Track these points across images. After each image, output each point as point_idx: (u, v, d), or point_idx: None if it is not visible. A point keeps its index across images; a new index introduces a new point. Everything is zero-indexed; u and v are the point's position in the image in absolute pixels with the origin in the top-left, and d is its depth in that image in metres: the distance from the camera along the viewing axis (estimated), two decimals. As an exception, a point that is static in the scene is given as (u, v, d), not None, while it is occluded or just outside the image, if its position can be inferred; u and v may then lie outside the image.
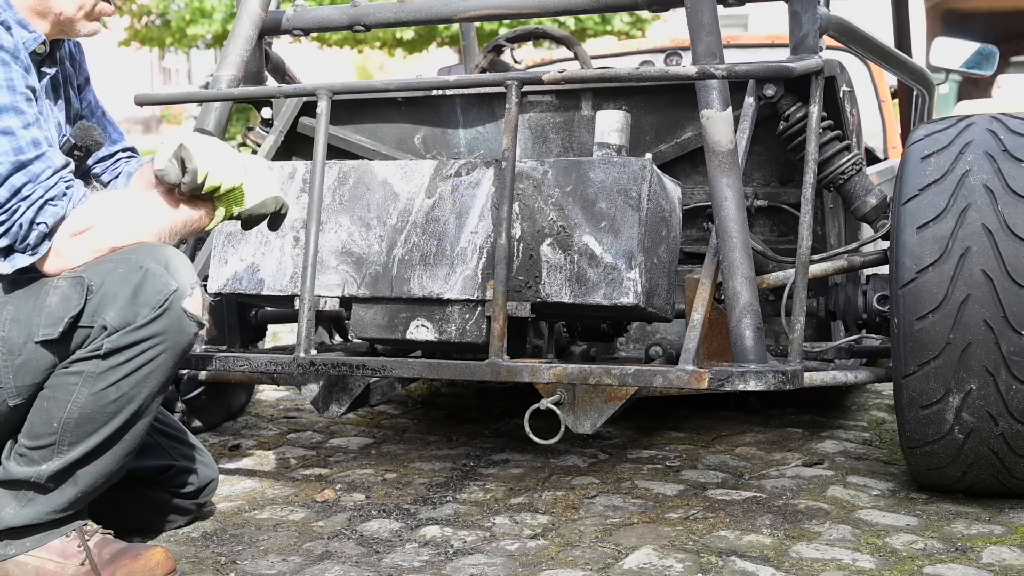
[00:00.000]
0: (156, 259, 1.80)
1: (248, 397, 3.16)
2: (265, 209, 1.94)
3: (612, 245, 2.05)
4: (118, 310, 1.77)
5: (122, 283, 1.77)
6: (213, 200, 1.89)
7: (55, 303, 1.78)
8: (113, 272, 1.78)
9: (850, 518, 2.15)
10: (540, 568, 1.92)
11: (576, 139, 2.66)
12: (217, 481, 2.21)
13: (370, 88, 2.60)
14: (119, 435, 1.82)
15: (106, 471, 1.85)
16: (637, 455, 2.62)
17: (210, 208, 1.90)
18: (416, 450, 2.71)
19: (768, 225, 2.65)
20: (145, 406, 1.83)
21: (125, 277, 1.78)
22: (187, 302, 1.81)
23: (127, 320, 1.77)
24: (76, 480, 1.83)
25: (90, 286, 1.77)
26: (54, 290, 1.79)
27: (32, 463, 1.81)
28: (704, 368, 1.93)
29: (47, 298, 1.79)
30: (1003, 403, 2.02)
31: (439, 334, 2.16)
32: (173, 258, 1.82)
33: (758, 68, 2.11)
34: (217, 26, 16.00)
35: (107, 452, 1.83)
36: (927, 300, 2.03)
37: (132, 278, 1.77)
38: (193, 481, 2.14)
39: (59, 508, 1.84)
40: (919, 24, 16.20)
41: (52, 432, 1.80)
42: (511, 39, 3.24)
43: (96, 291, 1.77)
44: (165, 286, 1.78)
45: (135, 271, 1.78)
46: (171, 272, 1.80)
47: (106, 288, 1.77)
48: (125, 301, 1.77)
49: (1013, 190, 2.04)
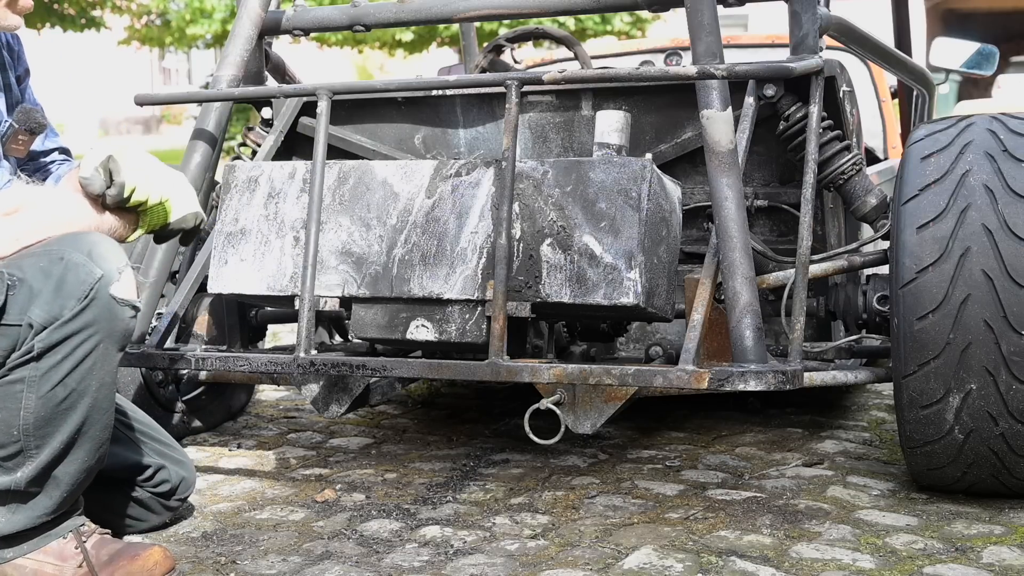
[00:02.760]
0: (78, 247, 1.75)
1: (248, 397, 3.16)
2: (185, 224, 1.93)
3: (612, 245, 2.05)
4: (43, 306, 1.72)
5: (44, 277, 1.72)
6: (136, 212, 1.88)
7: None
8: (34, 266, 1.73)
9: (850, 518, 2.15)
10: (540, 568, 1.92)
11: (576, 139, 2.66)
12: (193, 481, 2.18)
13: (370, 88, 2.60)
14: (84, 429, 1.80)
15: (84, 465, 1.83)
16: (637, 455, 2.62)
17: (133, 220, 1.88)
18: (416, 450, 2.71)
19: (768, 225, 2.65)
20: (101, 396, 1.80)
21: (47, 270, 1.72)
22: (116, 287, 1.75)
23: (53, 315, 1.72)
24: (57, 481, 1.81)
25: (10, 283, 1.72)
26: None
27: (8, 472, 1.79)
28: (704, 368, 1.93)
29: None
30: (1003, 403, 2.02)
31: (439, 334, 2.16)
32: (97, 244, 1.76)
33: (758, 68, 2.11)
34: (217, 26, 16.01)
35: (78, 447, 1.81)
36: (927, 300, 2.03)
37: (54, 270, 1.72)
38: (167, 479, 2.12)
39: (49, 511, 1.82)
40: (919, 24, 16.21)
41: (15, 440, 1.77)
42: (511, 39, 3.24)
43: (18, 287, 1.72)
44: (89, 275, 1.73)
45: (56, 263, 1.73)
46: (95, 259, 1.74)
47: (28, 283, 1.73)
48: (49, 295, 1.72)
49: (1013, 190, 2.04)
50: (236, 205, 2.32)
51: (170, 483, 2.12)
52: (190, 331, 2.53)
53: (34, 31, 15.81)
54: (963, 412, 2.05)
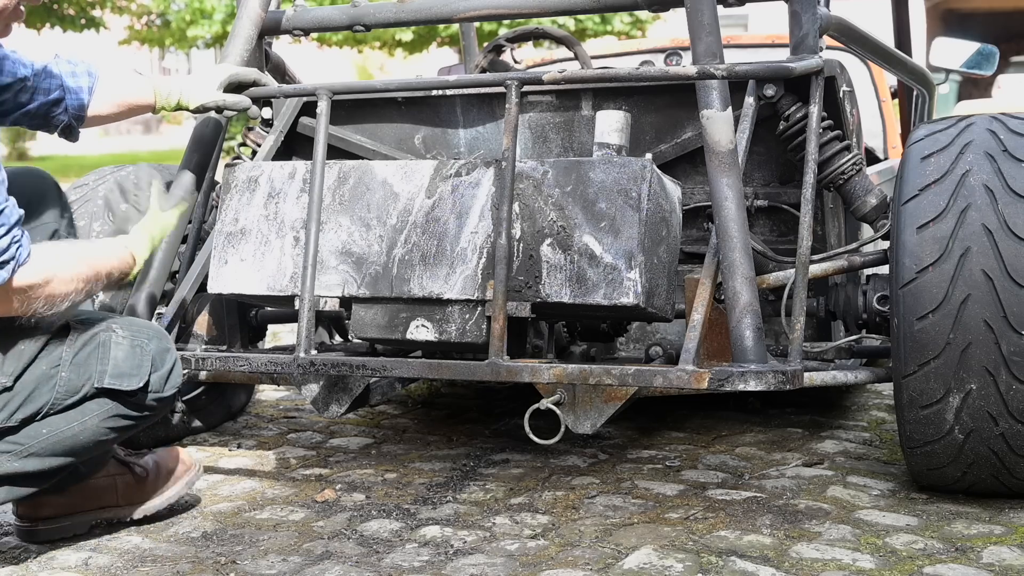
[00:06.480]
0: (171, 344, 2.06)
1: (248, 397, 3.16)
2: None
3: (612, 245, 2.05)
4: (157, 379, 2.00)
5: (161, 360, 2.01)
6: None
7: (121, 358, 1.96)
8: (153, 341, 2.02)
9: (850, 518, 2.15)
10: (540, 568, 1.92)
11: (576, 139, 2.66)
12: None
13: (370, 88, 2.60)
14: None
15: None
16: (637, 455, 2.62)
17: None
18: (416, 450, 2.71)
19: (768, 225, 2.65)
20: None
21: (162, 355, 2.02)
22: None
23: (159, 389, 2.00)
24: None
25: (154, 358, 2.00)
26: (116, 346, 1.96)
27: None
28: (704, 368, 1.93)
29: (109, 350, 1.95)
30: (1003, 403, 2.02)
31: (439, 334, 2.16)
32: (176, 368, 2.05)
33: (758, 68, 2.11)
34: (217, 26, 16.02)
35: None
36: (927, 300, 2.03)
37: (168, 358, 2.02)
38: None
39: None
40: (919, 24, 16.21)
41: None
42: (511, 39, 3.24)
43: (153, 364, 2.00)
44: (181, 372, 2.07)
45: (168, 352, 2.03)
46: (169, 380, 2.02)
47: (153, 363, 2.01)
48: (163, 374, 2.01)
49: (1013, 190, 2.04)
50: (236, 205, 2.32)
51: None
52: (190, 331, 2.53)
53: (34, 31, 15.82)
54: (963, 412, 2.05)
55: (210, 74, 2.37)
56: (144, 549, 2.07)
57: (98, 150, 20.23)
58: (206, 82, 2.35)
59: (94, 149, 20.55)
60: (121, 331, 1.98)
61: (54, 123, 2.23)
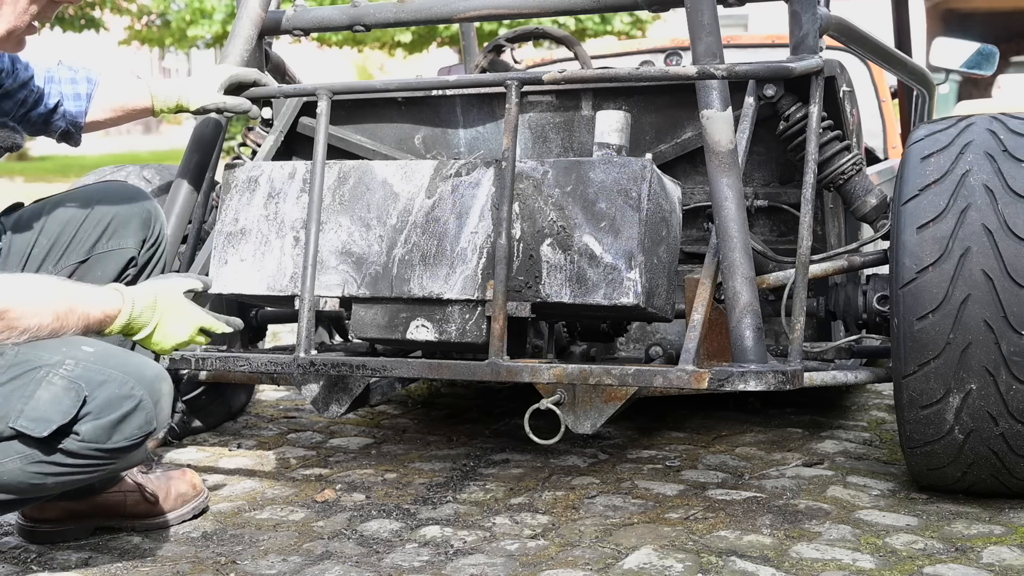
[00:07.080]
0: (151, 390, 1.75)
1: (248, 397, 3.16)
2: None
3: (612, 245, 2.05)
4: (95, 428, 1.70)
5: (109, 407, 1.71)
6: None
7: (45, 400, 1.69)
8: (106, 385, 1.72)
9: (850, 518, 2.15)
10: (540, 568, 1.92)
11: (576, 139, 2.66)
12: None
13: (370, 88, 2.60)
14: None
15: None
16: (637, 455, 2.62)
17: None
18: (416, 450, 2.71)
19: (768, 225, 2.65)
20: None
21: (116, 402, 1.72)
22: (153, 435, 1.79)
23: (98, 440, 1.71)
24: None
25: (85, 397, 1.70)
26: (47, 384, 1.69)
27: None
28: (704, 368, 1.93)
29: (36, 388, 1.69)
30: (1003, 403, 2.02)
31: (439, 334, 2.16)
32: (166, 395, 1.79)
33: (758, 68, 2.11)
34: (217, 26, 16.00)
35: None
36: (927, 300, 2.03)
37: (123, 406, 1.72)
38: None
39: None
40: (919, 24, 16.20)
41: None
42: (511, 39, 3.24)
43: (88, 404, 1.70)
44: (147, 424, 1.74)
45: (127, 399, 1.72)
46: (159, 409, 1.76)
47: (97, 403, 1.70)
48: (107, 424, 1.71)
49: (1013, 190, 2.04)
50: (236, 205, 2.32)
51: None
52: (190, 331, 2.52)
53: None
54: (963, 412, 2.05)
55: (210, 75, 2.37)
56: (144, 549, 2.07)
57: (98, 150, 20.22)
58: (206, 83, 2.35)
59: (94, 149, 20.54)
60: (68, 369, 1.70)
61: (53, 129, 2.24)
